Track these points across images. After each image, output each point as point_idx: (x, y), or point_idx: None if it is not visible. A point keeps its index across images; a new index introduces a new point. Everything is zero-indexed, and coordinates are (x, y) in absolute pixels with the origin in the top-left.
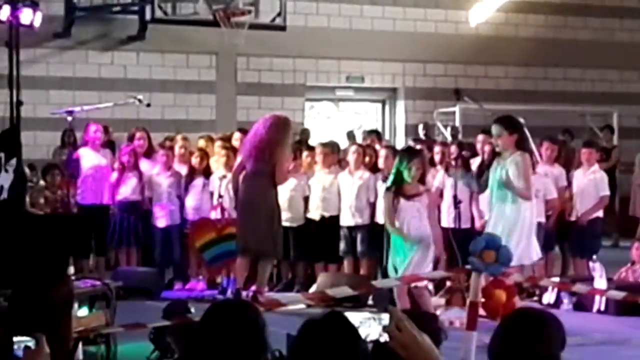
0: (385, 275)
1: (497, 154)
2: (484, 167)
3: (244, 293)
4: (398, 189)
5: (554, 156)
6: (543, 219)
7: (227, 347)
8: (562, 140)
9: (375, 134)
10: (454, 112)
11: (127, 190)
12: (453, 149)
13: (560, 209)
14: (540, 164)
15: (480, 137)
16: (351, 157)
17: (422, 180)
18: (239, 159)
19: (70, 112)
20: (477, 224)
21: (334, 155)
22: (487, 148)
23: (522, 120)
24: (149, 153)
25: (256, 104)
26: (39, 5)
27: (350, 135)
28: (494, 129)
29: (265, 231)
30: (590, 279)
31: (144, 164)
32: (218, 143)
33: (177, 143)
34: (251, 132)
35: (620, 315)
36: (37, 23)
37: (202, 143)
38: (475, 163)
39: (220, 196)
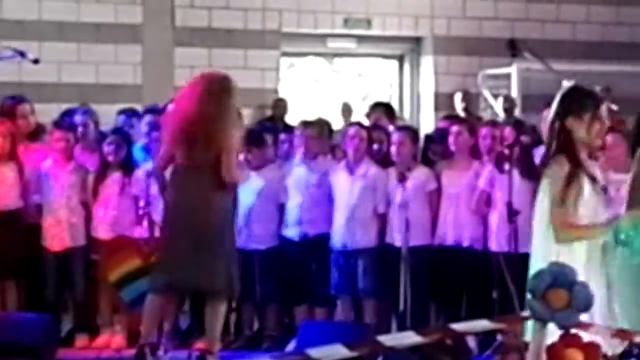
0: (402, 323)
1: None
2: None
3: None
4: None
5: None
6: None
7: None
8: None
9: (384, 109)
10: (508, 75)
11: None
12: (507, 131)
13: None
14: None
15: (547, 112)
16: (350, 144)
17: None
18: (163, 145)
19: None
20: None
21: (322, 140)
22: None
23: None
24: (36, 136)
25: (205, 60)
26: None
27: (348, 110)
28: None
29: (211, 257)
30: None
31: (29, 153)
32: (146, 119)
33: (80, 120)
34: (174, 104)
35: None
36: None
37: (121, 120)
38: (539, 153)
39: (147, 203)
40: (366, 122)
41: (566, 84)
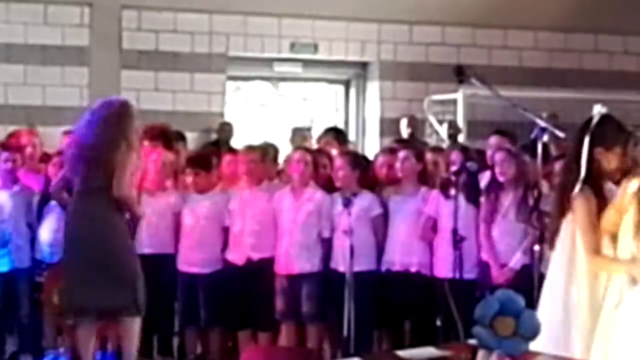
0: (346, 349)
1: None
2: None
3: None
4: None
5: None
6: None
7: None
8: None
9: (333, 133)
10: (454, 101)
11: None
12: (454, 156)
13: None
14: None
15: (493, 139)
16: (295, 168)
17: None
18: (62, 170)
19: None
20: (494, 274)
21: (267, 164)
22: (499, 156)
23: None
24: None
25: (151, 84)
26: None
27: (298, 135)
28: None
29: (115, 277)
30: None
31: None
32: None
33: (27, 141)
34: (75, 133)
35: None
36: None
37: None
38: (485, 179)
39: None
40: (315, 147)
41: (598, 110)
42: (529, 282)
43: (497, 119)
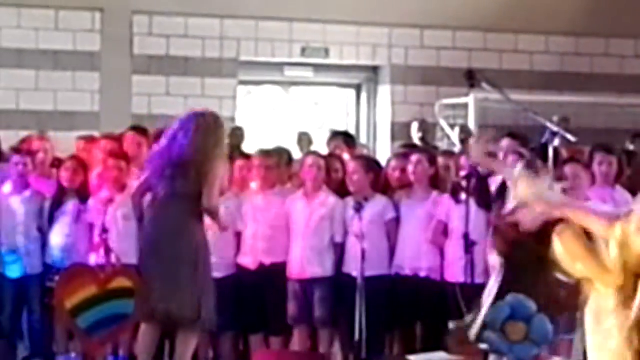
0: (358, 353)
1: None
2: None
3: None
4: None
5: (614, 174)
6: None
7: None
8: (627, 151)
9: (343, 138)
10: (465, 105)
11: None
12: (463, 161)
13: None
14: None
15: (505, 142)
16: (308, 173)
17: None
18: (144, 175)
19: None
20: None
21: (280, 169)
22: (512, 159)
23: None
24: None
25: (162, 89)
26: None
27: (305, 139)
28: None
29: (187, 286)
30: None
31: None
32: (102, 146)
33: (38, 146)
34: (164, 141)
35: None
36: None
37: (77, 147)
38: (496, 183)
39: (104, 230)
40: (325, 151)
41: None
42: None
43: (508, 123)
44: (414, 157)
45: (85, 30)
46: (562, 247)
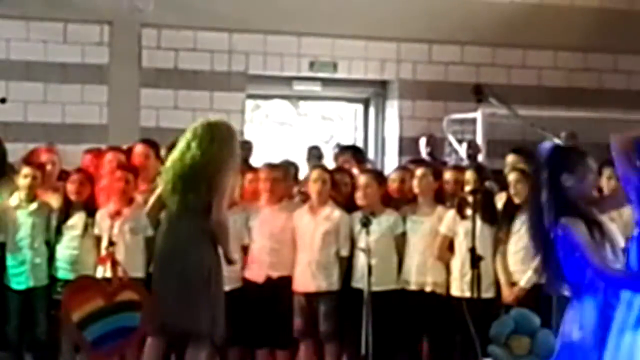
0: None
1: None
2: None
3: None
4: None
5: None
6: None
7: None
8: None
9: (352, 152)
10: (474, 120)
11: None
12: (469, 175)
13: None
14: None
15: (510, 158)
16: (313, 187)
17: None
18: (158, 189)
19: None
20: (505, 294)
21: (287, 183)
22: (513, 176)
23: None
24: (1, 173)
25: (170, 102)
26: None
27: (314, 153)
28: None
29: (201, 300)
30: None
31: None
32: (109, 159)
33: (46, 159)
34: (176, 152)
35: None
36: None
37: (84, 160)
38: (502, 199)
39: (111, 243)
40: (332, 165)
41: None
42: (539, 301)
43: (516, 138)
44: (419, 171)
45: (94, 43)
46: None
